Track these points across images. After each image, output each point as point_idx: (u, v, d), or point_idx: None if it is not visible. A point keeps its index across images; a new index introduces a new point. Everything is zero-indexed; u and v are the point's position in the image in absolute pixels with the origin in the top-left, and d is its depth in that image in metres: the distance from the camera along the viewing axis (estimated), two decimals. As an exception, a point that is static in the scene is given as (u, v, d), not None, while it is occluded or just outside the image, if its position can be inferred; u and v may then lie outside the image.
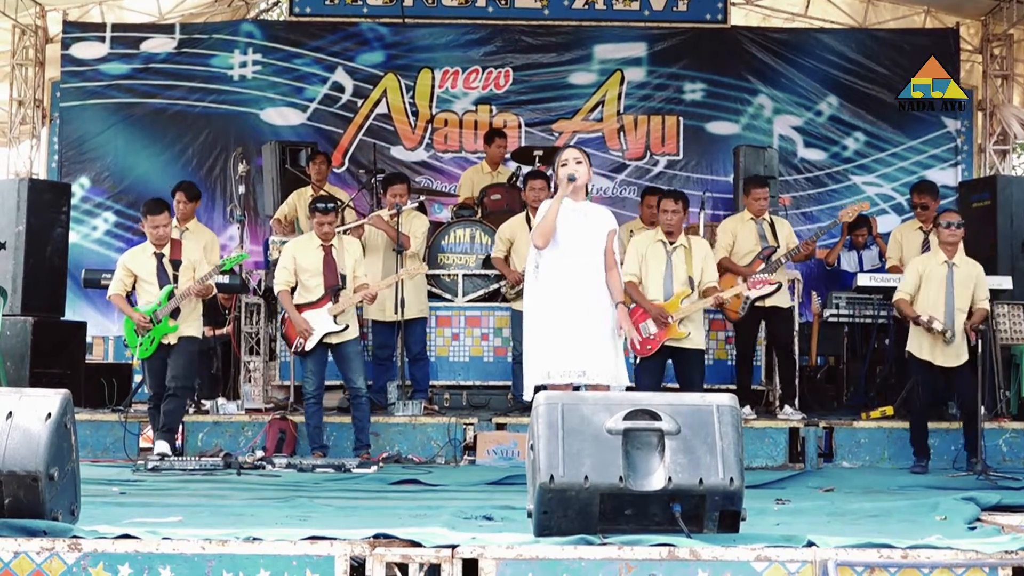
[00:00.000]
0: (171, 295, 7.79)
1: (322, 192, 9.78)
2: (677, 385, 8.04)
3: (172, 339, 7.83)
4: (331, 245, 8.06)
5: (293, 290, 8.07)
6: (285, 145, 10.62)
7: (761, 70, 12.13)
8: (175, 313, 7.80)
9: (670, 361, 7.95)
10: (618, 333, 5.99)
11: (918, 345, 7.90)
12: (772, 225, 8.76)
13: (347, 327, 7.99)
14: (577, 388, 5.88)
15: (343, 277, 8.03)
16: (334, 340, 8.00)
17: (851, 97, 12.07)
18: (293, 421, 8.35)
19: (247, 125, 11.99)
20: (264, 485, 6.84)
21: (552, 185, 9.04)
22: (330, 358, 8.11)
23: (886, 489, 7.02)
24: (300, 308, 7.99)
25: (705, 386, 8.11)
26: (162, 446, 7.74)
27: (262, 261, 10.01)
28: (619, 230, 6.21)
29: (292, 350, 8.19)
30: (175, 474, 7.29)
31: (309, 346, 7.95)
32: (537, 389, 5.28)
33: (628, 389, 6.07)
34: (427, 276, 9.13)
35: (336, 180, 11.23)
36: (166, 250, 7.91)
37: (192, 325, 7.97)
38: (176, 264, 7.88)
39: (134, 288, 7.96)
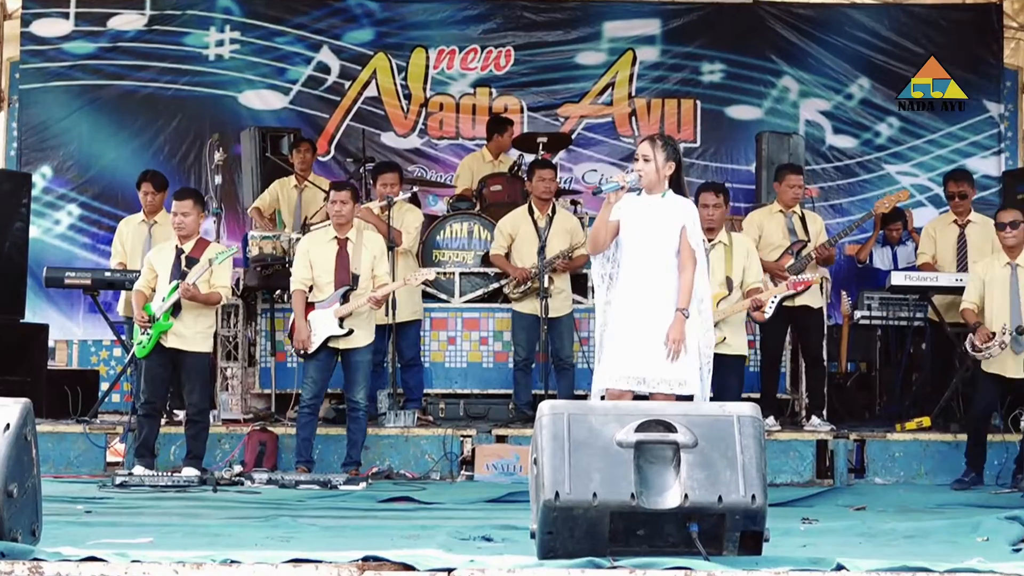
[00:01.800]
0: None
1: (306, 182, 9.79)
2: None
3: (171, 341, 7.83)
4: (347, 239, 8.03)
5: (311, 289, 8.05)
6: (266, 131, 10.61)
7: (786, 49, 12.11)
8: (176, 312, 7.82)
9: None
10: (663, 342, 5.83)
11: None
12: (803, 219, 8.75)
13: (351, 331, 7.93)
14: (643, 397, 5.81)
15: (356, 277, 7.97)
16: (341, 345, 7.97)
17: (884, 79, 12.03)
18: (274, 433, 8.35)
19: (224, 109, 11.98)
20: (243, 503, 6.86)
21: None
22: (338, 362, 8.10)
23: (923, 507, 7.03)
24: (310, 308, 7.98)
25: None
26: (189, 471, 7.76)
27: (241, 258, 10.03)
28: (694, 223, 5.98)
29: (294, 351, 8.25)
30: (145, 491, 7.31)
31: (311, 349, 7.94)
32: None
33: (682, 397, 5.85)
34: (421, 275, 9.14)
35: (321, 169, 11.21)
36: (188, 246, 7.94)
37: (200, 337, 7.95)
38: (191, 262, 7.90)
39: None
